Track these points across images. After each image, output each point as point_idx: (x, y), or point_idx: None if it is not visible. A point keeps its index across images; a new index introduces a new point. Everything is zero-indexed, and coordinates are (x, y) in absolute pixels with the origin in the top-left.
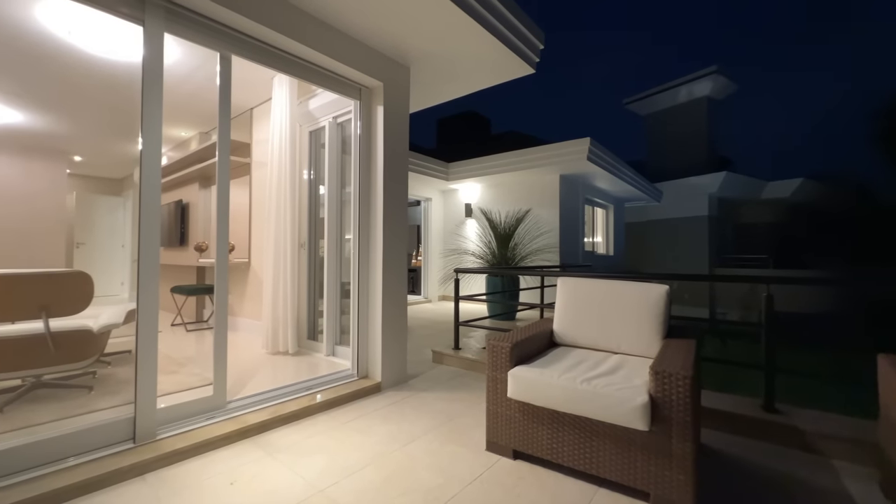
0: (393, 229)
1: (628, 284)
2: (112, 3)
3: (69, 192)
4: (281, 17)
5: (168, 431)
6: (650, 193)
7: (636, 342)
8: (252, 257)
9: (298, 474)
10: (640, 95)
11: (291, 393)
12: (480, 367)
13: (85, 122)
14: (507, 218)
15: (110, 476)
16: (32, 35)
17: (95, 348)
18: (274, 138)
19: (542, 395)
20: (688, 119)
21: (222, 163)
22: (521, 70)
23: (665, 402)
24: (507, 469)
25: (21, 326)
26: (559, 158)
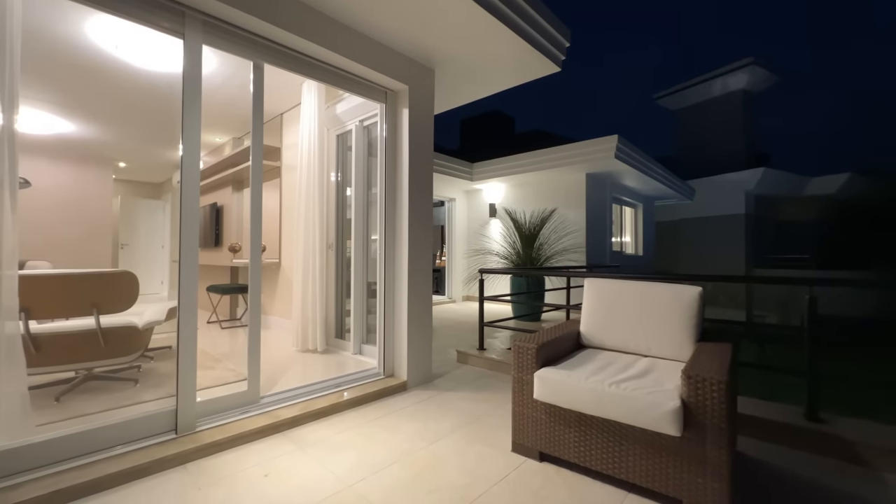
0: (418, 230)
1: (660, 285)
2: (155, 18)
3: (114, 197)
4: (310, 25)
5: (206, 424)
6: (682, 191)
7: (667, 345)
8: (282, 258)
9: (328, 469)
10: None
11: (320, 390)
12: (505, 368)
13: (129, 131)
14: (531, 218)
15: (155, 464)
16: (84, 50)
17: (140, 344)
18: (303, 142)
19: (569, 397)
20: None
21: (255, 167)
22: (547, 69)
23: (698, 408)
24: (533, 471)
25: (75, 322)
26: (585, 157)
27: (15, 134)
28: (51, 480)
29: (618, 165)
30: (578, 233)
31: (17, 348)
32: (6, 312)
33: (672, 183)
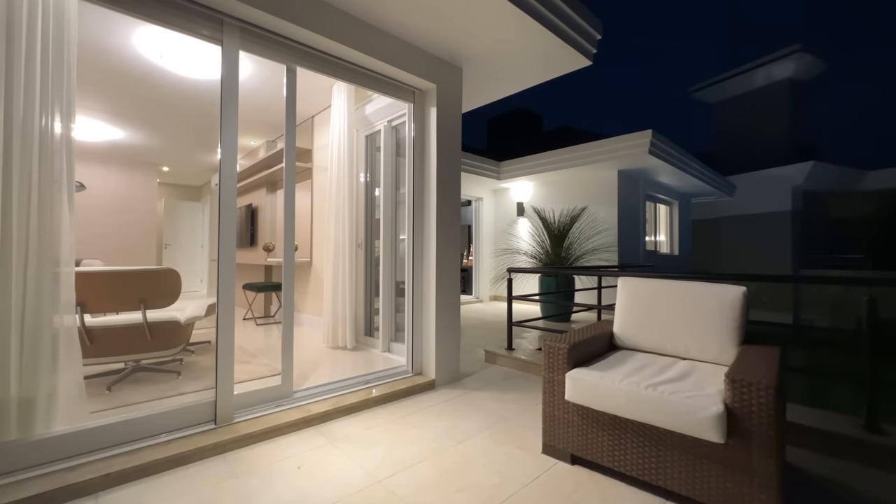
0: (446, 229)
1: (700, 285)
2: (195, 26)
3: (158, 199)
4: (341, 28)
5: (243, 416)
6: (721, 187)
7: (708, 348)
8: (314, 257)
9: (358, 464)
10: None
11: (350, 386)
12: (534, 369)
13: (171, 136)
14: (561, 216)
15: (196, 453)
16: (131, 60)
17: (183, 338)
18: (333, 144)
19: (602, 399)
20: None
21: (289, 168)
22: (578, 63)
23: (744, 414)
24: (564, 473)
25: (124, 317)
26: (617, 153)
27: (72, 141)
28: (103, 464)
29: (652, 161)
30: (610, 231)
31: (74, 340)
32: (64, 306)
33: (711, 179)
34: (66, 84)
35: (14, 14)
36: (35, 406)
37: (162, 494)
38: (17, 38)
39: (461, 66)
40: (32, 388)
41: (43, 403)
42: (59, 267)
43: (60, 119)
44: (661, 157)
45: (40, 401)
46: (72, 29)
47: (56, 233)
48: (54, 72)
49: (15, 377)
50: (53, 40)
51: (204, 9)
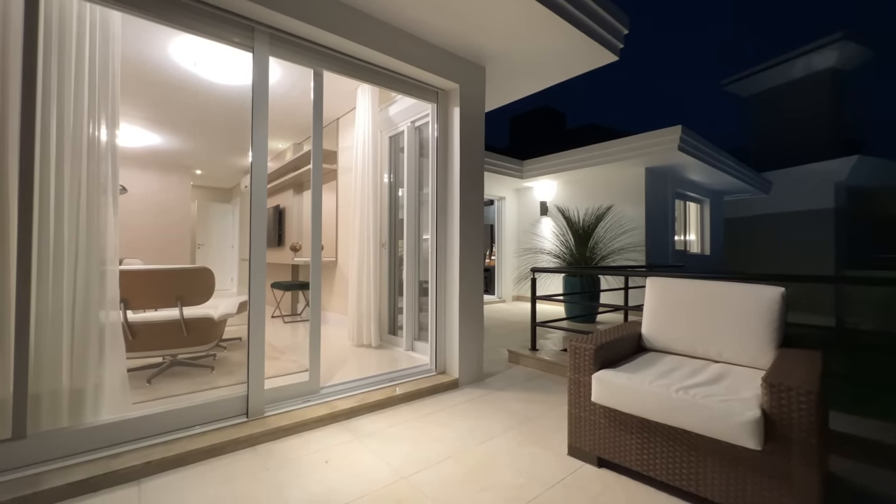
0: (469, 229)
1: (734, 285)
2: (228, 34)
3: (192, 201)
4: (366, 32)
5: (273, 410)
6: (756, 184)
7: (743, 350)
8: (339, 256)
9: (384, 460)
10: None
11: (375, 383)
12: (558, 370)
13: (204, 140)
14: (586, 215)
15: (229, 444)
16: (167, 69)
17: (216, 334)
18: (358, 145)
19: (630, 401)
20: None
21: (316, 169)
22: (604, 58)
23: (783, 420)
24: (591, 476)
25: (162, 313)
26: (645, 150)
27: (116, 147)
28: (144, 452)
29: (681, 158)
30: (637, 231)
31: (118, 334)
32: (110, 302)
33: (744, 176)
34: (111, 94)
35: (65, 29)
36: (84, 396)
37: (199, 483)
38: (69, 53)
39: (484, 65)
40: (82, 379)
41: (91, 393)
42: (105, 265)
43: (106, 127)
44: (691, 153)
45: (89, 391)
46: (116, 42)
47: (102, 233)
48: (101, 82)
49: (66, 368)
50: (100, 53)
51: (236, 17)
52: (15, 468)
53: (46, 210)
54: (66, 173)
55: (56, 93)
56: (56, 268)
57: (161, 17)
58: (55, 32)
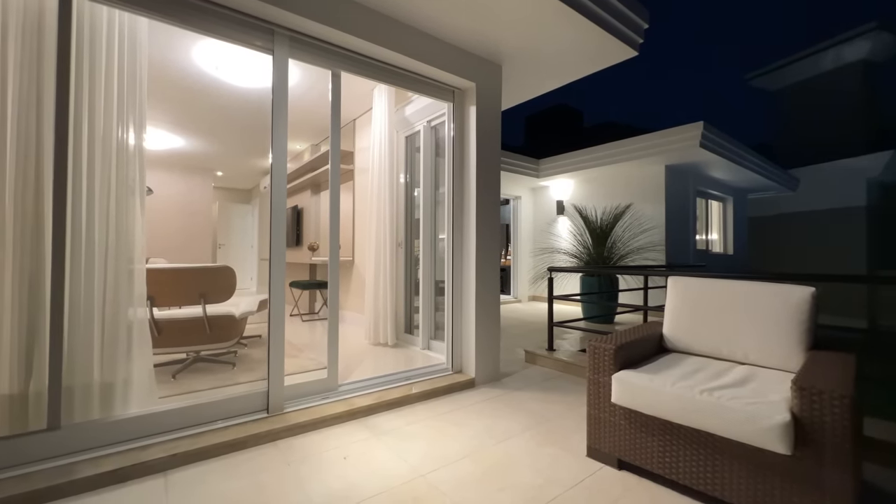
0: (486, 228)
1: (761, 285)
2: (249, 38)
3: (213, 202)
4: (384, 32)
5: (292, 406)
6: (782, 181)
7: (770, 352)
8: (355, 256)
9: (401, 457)
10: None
11: (392, 381)
12: (575, 370)
13: (225, 142)
14: (603, 214)
15: (251, 439)
16: (190, 73)
17: (237, 331)
18: (374, 145)
19: (651, 402)
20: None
21: (334, 170)
22: (623, 54)
23: (814, 425)
24: (611, 478)
25: (186, 311)
26: (665, 147)
27: (143, 150)
28: (170, 445)
29: (703, 155)
30: (656, 230)
31: (145, 331)
32: (137, 300)
33: (770, 173)
34: (139, 98)
35: (96, 36)
36: (114, 389)
37: (223, 477)
38: (99, 59)
39: (500, 64)
40: (112, 373)
41: (120, 387)
42: (133, 264)
43: (134, 130)
44: (713, 150)
45: (118, 385)
46: (143, 48)
47: (131, 233)
48: (129, 88)
49: (97, 363)
50: (128, 59)
51: (257, 21)
52: (50, 458)
53: (79, 211)
54: (97, 176)
55: (87, 98)
56: (87, 266)
57: (186, 23)
58: (86, 40)
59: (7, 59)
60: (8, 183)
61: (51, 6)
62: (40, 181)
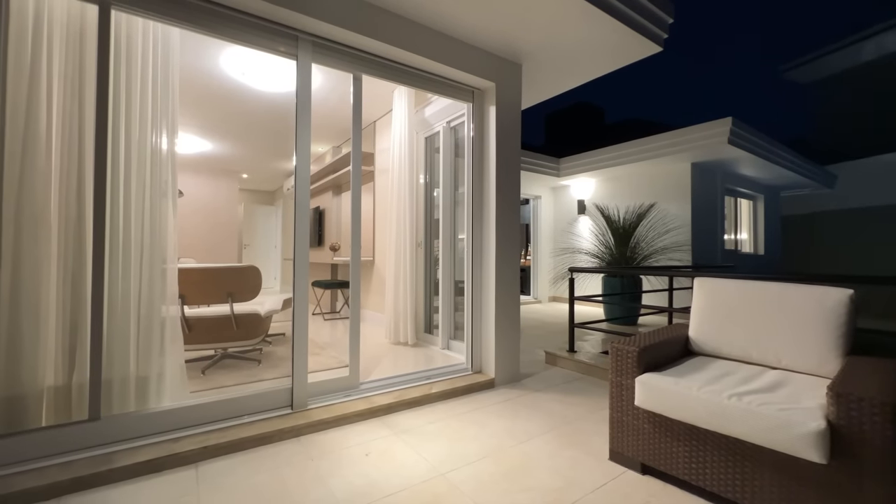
0: (506, 228)
1: (795, 287)
2: (274, 44)
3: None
4: (404, 35)
5: (315, 403)
6: (817, 178)
7: (804, 357)
8: (375, 256)
9: (421, 456)
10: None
11: (412, 381)
12: (597, 373)
13: (251, 146)
14: (626, 214)
15: (276, 434)
16: (218, 79)
17: (262, 329)
18: (394, 147)
19: (677, 406)
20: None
21: (355, 171)
22: (647, 50)
23: (852, 433)
24: (634, 483)
25: (214, 309)
26: (691, 144)
27: (175, 155)
28: (201, 437)
29: (732, 152)
30: (682, 229)
31: (177, 327)
32: (170, 298)
33: (804, 169)
34: (171, 105)
35: (132, 47)
36: (148, 383)
37: (250, 470)
38: (135, 68)
39: (521, 63)
40: (146, 368)
41: (154, 381)
42: (165, 264)
43: (167, 136)
44: (743, 146)
45: (152, 379)
46: (175, 56)
47: (163, 234)
48: (162, 95)
49: (133, 357)
50: (161, 67)
51: (282, 27)
52: (91, 447)
53: (116, 213)
54: (133, 179)
55: (124, 106)
56: (124, 265)
57: (215, 31)
58: (123, 50)
59: (52, 72)
60: (54, 188)
61: (91, 19)
62: (82, 186)
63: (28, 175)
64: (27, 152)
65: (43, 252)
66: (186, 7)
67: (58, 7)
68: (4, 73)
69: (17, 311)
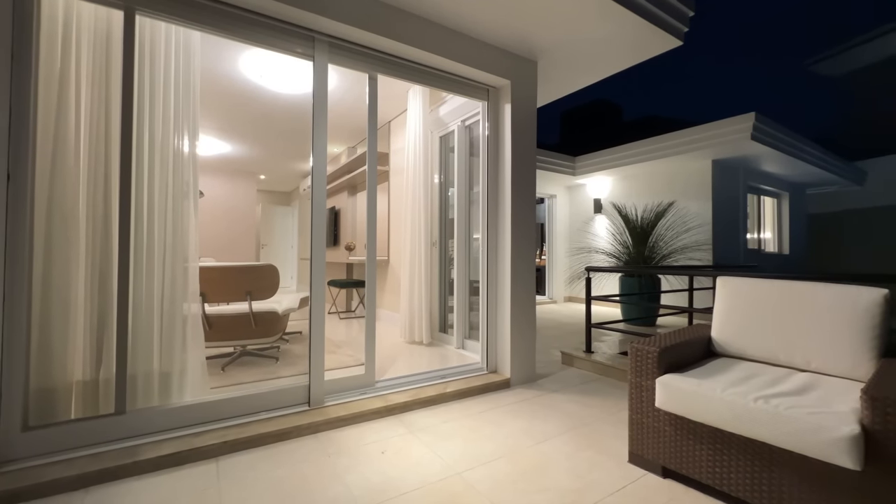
0: (521, 228)
1: (824, 286)
2: (291, 45)
3: (256, 204)
4: (418, 33)
5: (332, 400)
6: (846, 175)
7: (836, 359)
8: (390, 255)
9: (437, 454)
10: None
11: (427, 379)
12: (615, 374)
13: (267, 147)
14: (644, 212)
15: (293, 430)
16: (237, 82)
17: (280, 327)
18: (409, 147)
19: (699, 408)
20: None
21: (371, 172)
22: (667, 44)
23: (889, 439)
24: (655, 486)
25: (233, 307)
26: (712, 141)
27: (196, 156)
28: (221, 433)
29: (755, 148)
30: (703, 228)
31: (198, 325)
32: (191, 296)
33: (832, 165)
34: (192, 108)
35: (156, 51)
36: (171, 379)
37: (269, 465)
38: (158, 72)
39: (536, 60)
40: (169, 363)
41: (176, 377)
42: (187, 262)
43: (188, 138)
44: (766, 142)
45: (175, 374)
46: (196, 59)
47: (185, 234)
48: (184, 98)
49: (157, 353)
50: (183, 71)
51: (299, 29)
52: (117, 439)
53: (141, 213)
54: (157, 181)
55: (148, 108)
56: (148, 263)
57: (235, 34)
58: (147, 54)
59: (81, 75)
60: (82, 188)
61: (116, 24)
62: (108, 186)
63: (58, 175)
64: (57, 153)
65: (72, 251)
66: (208, 11)
67: (85, 13)
68: (36, 76)
69: (48, 307)
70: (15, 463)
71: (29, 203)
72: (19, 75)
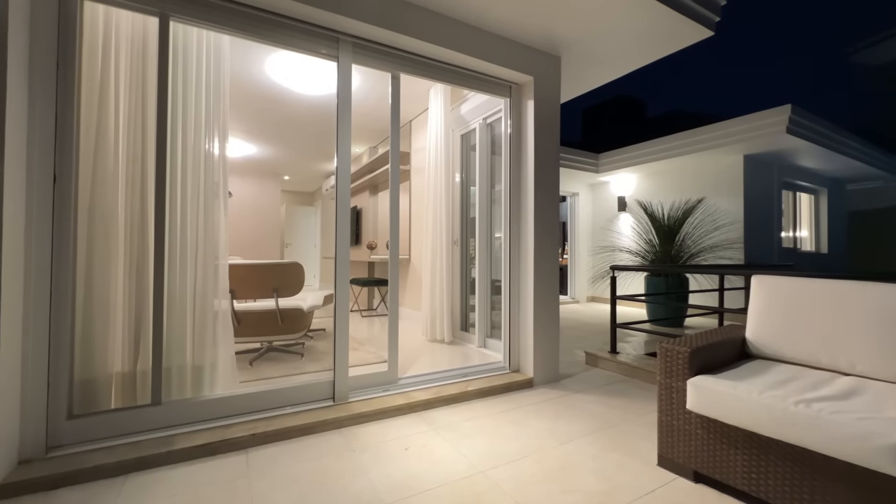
0: (544, 226)
1: (871, 286)
2: (316, 47)
3: (281, 204)
4: (440, 31)
5: (356, 396)
6: (891, 169)
7: (884, 362)
8: (412, 254)
9: (461, 452)
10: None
11: (449, 377)
12: (641, 375)
13: (292, 148)
14: (671, 210)
15: (318, 425)
16: (263, 85)
17: (305, 324)
18: (430, 145)
19: (735, 411)
20: None
21: (394, 171)
22: (697, 35)
23: None
24: (686, 491)
25: (260, 304)
26: (743, 135)
27: (226, 158)
28: (250, 425)
29: (791, 142)
30: (734, 226)
31: (228, 320)
32: (221, 292)
33: (875, 159)
34: (222, 111)
35: (188, 56)
36: (203, 372)
37: (294, 458)
38: (190, 77)
39: (559, 55)
40: (201, 357)
41: (208, 370)
42: (217, 260)
43: (218, 140)
44: (803, 136)
45: (206, 368)
46: (226, 62)
47: (216, 232)
48: (214, 101)
49: (189, 347)
50: (214, 75)
51: (323, 30)
52: (153, 429)
53: (174, 212)
54: (189, 181)
55: (181, 112)
56: (181, 261)
57: (262, 37)
58: (181, 59)
59: (119, 81)
60: (121, 189)
61: (152, 31)
62: (145, 187)
63: (99, 176)
64: (98, 155)
65: (112, 249)
66: (238, 15)
67: (124, 21)
68: (79, 83)
69: (90, 303)
70: (61, 449)
71: (73, 203)
72: (64, 82)
